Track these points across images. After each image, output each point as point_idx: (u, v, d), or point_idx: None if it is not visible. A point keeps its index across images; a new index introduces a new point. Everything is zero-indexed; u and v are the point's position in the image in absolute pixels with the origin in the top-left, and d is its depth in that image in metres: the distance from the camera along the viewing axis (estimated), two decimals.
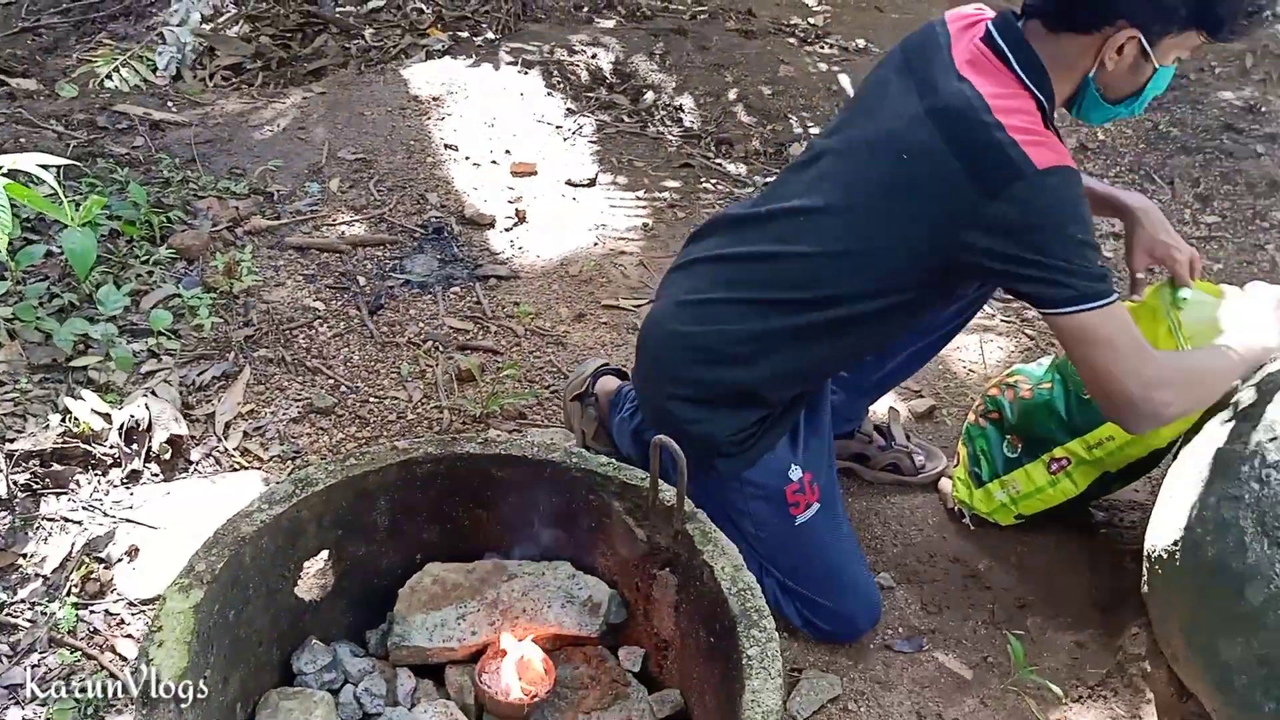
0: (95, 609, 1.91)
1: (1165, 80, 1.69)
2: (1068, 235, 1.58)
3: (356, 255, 2.97)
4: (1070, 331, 1.62)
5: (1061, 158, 1.58)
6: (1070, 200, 1.58)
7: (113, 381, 2.33)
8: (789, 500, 1.86)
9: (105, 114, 3.50)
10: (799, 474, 1.87)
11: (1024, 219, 1.57)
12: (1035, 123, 1.60)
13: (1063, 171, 1.57)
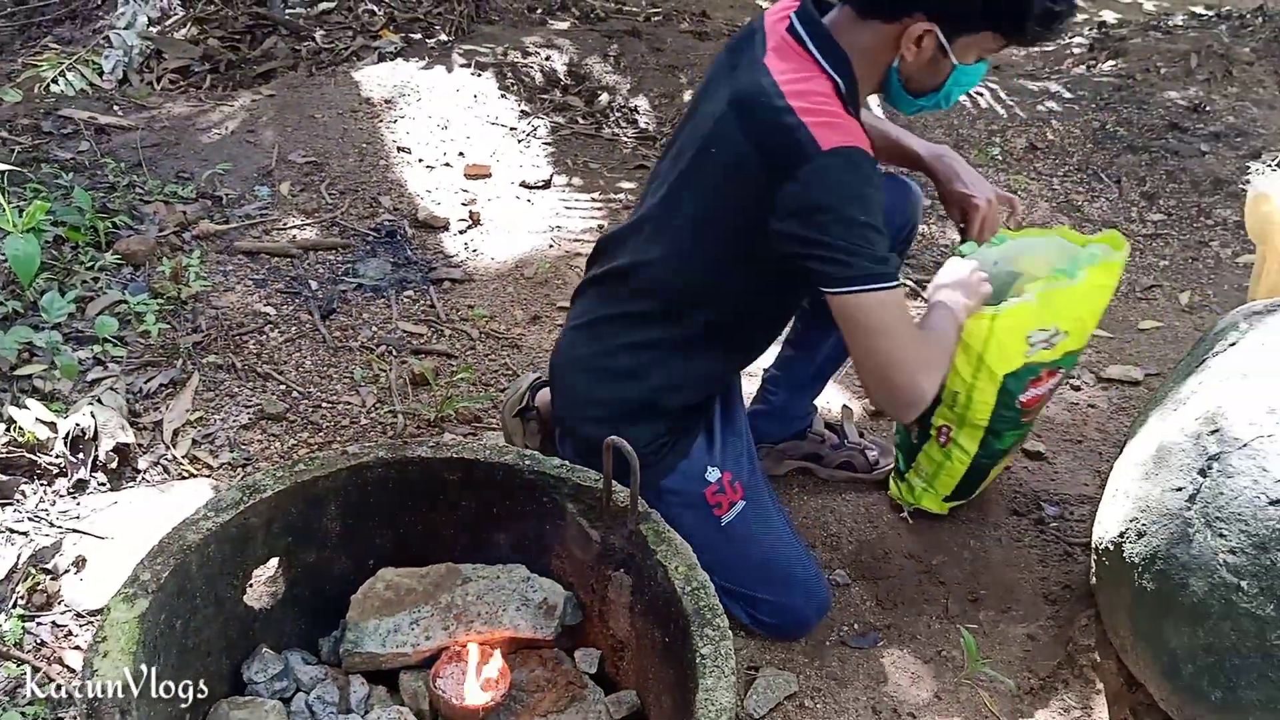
0: (42, 621, 1.87)
1: (972, 77, 1.69)
2: (849, 216, 1.57)
3: (308, 259, 2.95)
4: (844, 312, 1.61)
5: (850, 138, 1.57)
6: (853, 182, 1.58)
7: (58, 390, 2.29)
8: (710, 502, 1.86)
9: (50, 118, 3.44)
10: (717, 474, 1.87)
11: (808, 200, 1.57)
12: (827, 104, 1.60)
13: (848, 152, 1.57)
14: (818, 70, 1.64)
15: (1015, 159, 3.86)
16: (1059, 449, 2.49)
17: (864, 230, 1.57)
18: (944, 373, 1.77)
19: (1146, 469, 1.77)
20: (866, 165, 1.59)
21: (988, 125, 4.01)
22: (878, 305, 1.59)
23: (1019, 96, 4.22)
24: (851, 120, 1.62)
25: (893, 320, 1.61)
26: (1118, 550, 1.76)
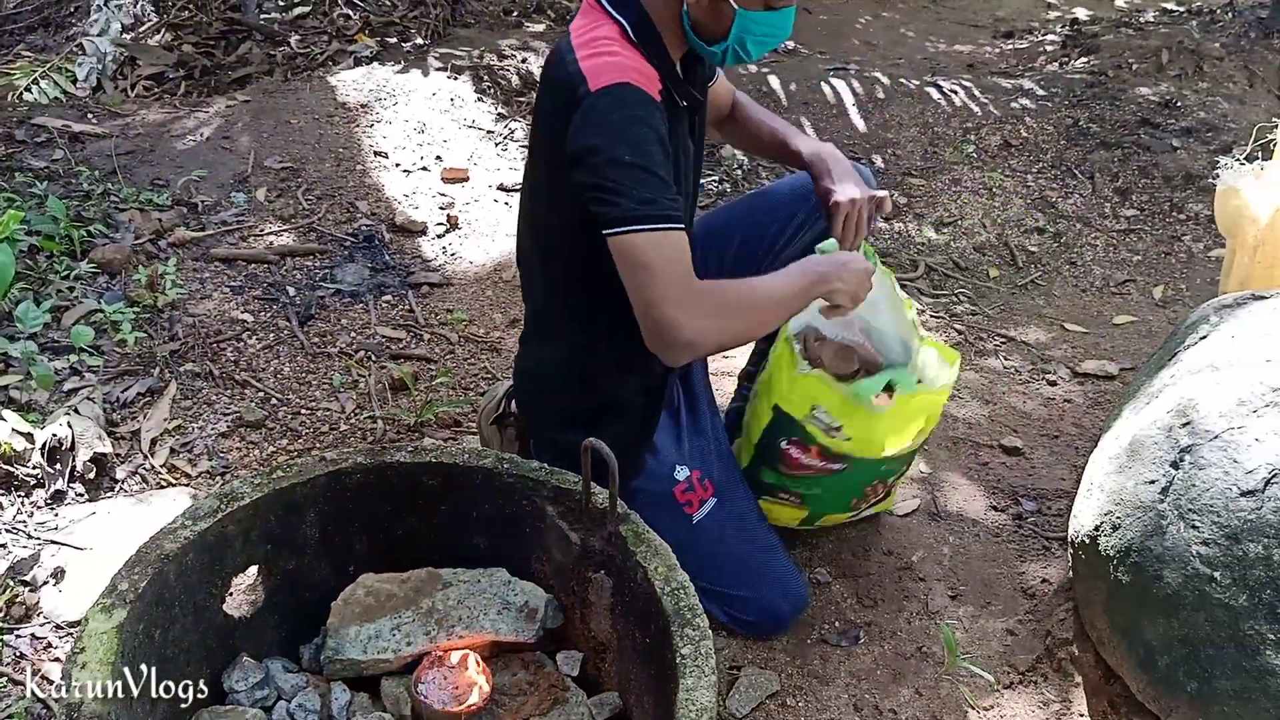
0: (21, 633, 1.86)
1: (766, 27, 1.65)
2: (617, 156, 1.54)
3: (285, 265, 2.94)
4: (616, 253, 1.57)
5: (621, 75, 1.57)
6: (620, 121, 1.56)
7: (34, 400, 2.27)
8: (680, 500, 1.86)
9: (23, 127, 3.42)
10: (685, 473, 1.87)
11: (580, 142, 1.57)
12: (608, 45, 1.62)
13: (615, 90, 1.56)
14: (605, 18, 1.66)
15: (990, 156, 3.89)
16: (1036, 444, 2.52)
17: (632, 170, 1.54)
18: (737, 326, 1.67)
19: (1120, 462, 1.78)
20: (636, 104, 1.58)
21: (962, 123, 4.04)
22: (647, 245, 1.54)
23: (993, 94, 4.25)
24: (630, 58, 1.62)
25: (658, 259, 1.55)
26: (1093, 544, 1.78)
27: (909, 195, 3.67)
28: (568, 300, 1.84)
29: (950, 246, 3.43)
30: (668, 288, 1.55)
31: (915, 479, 2.39)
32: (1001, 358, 2.88)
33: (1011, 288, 3.26)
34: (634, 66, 1.61)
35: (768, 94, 4.19)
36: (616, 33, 1.64)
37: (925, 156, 3.87)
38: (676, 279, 1.57)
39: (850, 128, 4.01)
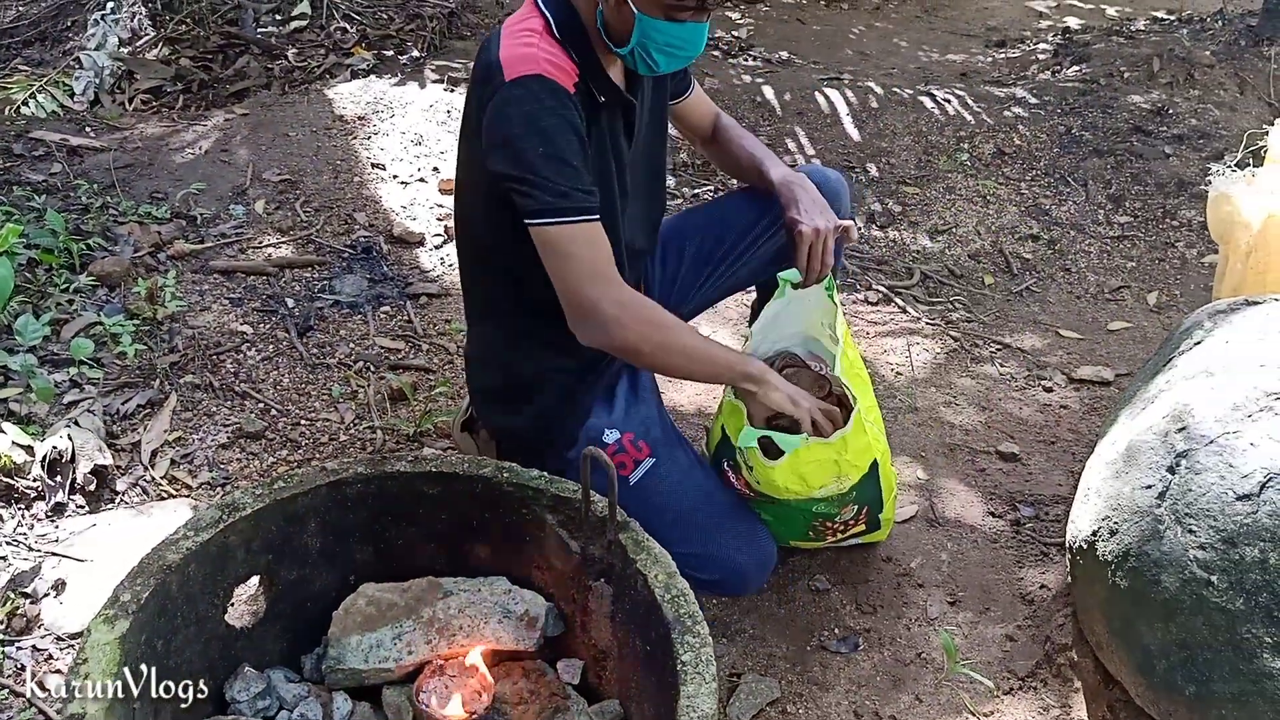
0: (22, 645, 1.86)
1: (669, 37, 1.63)
2: (531, 147, 1.57)
3: (284, 277, 2.95)
4: (538, 241, 1.62)
5: (534, 67, 1.59)
6: (532, 113, 1.58)
7: (34, 413, 2.28)
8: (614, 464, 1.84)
9: (21, 141, 3.43)
10: (615, 435, 1.85)
11: (495, 133, 1.60)
12: (529, 37, 1.64)
13: (528, 82, 1.58)
14: (535, 11, 1.68)
15: (984, 164, 3.91)
16: (1032, 450, 2.53)
17: (547, 161, 1.57)
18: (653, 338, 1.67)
19: (1117, 468, 1.80)
20: (547, 95, 1.59)
21: (956, 131, 4.06)
22: (564, 236, 1.59)
23: (986, 103, 4.27)
24: (547, 51, 1.63)
25: (576, 248, 1.60)
26: (1091, 549, 1.79)
27: (903, 204, 3.69)
28: (490, 281, 1.87)
29: (945, 254, 3.44)
30: (586, 274, 1.61)
31: (912, 485, 2.40)
32: (997, 364, 2.89)
33: (1006, 295, 3.27)
34: (548, 58, 1.62)
35: (762, 104, 4.21)
36: (541, 25, 1.67)
37: (919, 165, 3.89)
38: (596, 264, 1.62)
39: (844, 137, 4.03)
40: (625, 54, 1.68)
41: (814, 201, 1.91)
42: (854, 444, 1.79)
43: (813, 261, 1.88)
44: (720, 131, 2.10)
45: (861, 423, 1.80)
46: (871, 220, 3.59)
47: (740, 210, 2.05)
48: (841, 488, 1.83)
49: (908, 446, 2.53)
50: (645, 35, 1.63)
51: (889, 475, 1.95)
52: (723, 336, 2.88)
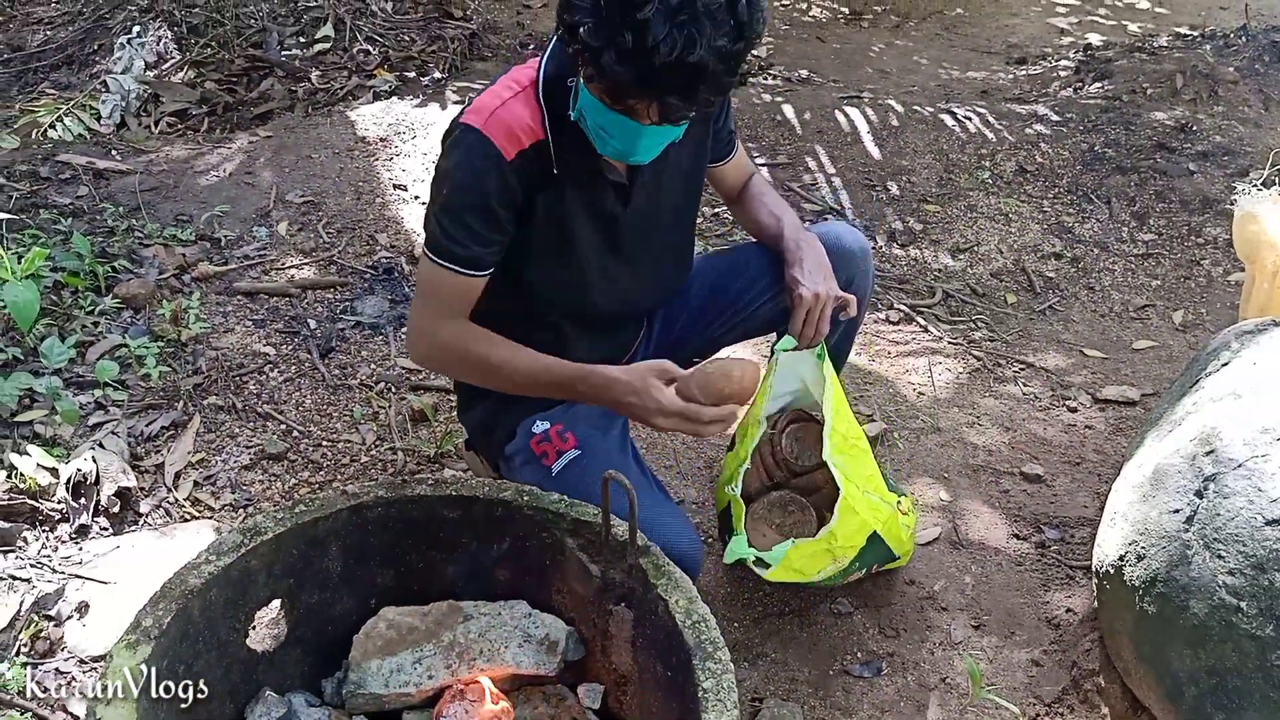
0: (46, 668, 1.87)
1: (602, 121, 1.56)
2: (439, 190, 1.66)
3: (306, 298, 2.96)
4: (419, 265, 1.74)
5: (479, 119, 1.62)
6: (456, 162, 1.64)
7: (59, 435, 2.30)
8: (536, 452, 1.84)
9: (48, 164, 3.47)
10: (544, 426, 1.86)
11: (438, 161, 1.70)
12: (507, 92, 1.65)
13: (466, 130, 1.63)
14: (536, 63, 1.69)
15: (1005, 182, 3.89)
16: (1057, 471, 2.50)
17: (446, 209, 1.64)
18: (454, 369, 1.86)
19: (1144, 491, 1.78)
20: (477, 156, 1.62)
21: (977, 149, 4.04)
22: (428, 272, 1.69)
23: (1007, 120, 4.25)
24: (513, 110, 1.63)
25: (424, 283, 1.71)
26: (1118, 574, 1.77)
27: (924, 222, 3.67)
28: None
29: (967, 273, 3.43)
30: (423, 312, 1.73)
31: (935, 507, 2.38)
32: (1021, 384, 2.87)
33: (1030, 314, 3.25)
34: (507, 118, 1.63)
35: (782, 123, 4.21)
36: (529, 80, 1.67)
37: (940, 183, 3.87)
38: (433, 309, 1.71)
39: (865, 155, 4.02)
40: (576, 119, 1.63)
41: (818, 265, 1.88)
42: (843, 531, 1.84)
43: (807, 327, 1.85)
44: (744, 192, 2.07)
45: (849, 508, 1.83)
46: (892, 239, 3.58)
47: (753, 261, 2.02)
48: (841, 566, 1.88)
49: (930, 468, 2.51)
50: (583, 108, 1.60)
51: (896, 531, 1.95)
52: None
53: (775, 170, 3.93)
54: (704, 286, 2.05)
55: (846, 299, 1.87)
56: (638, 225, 1.81)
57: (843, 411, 1.93)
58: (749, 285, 2.02)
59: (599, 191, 1.74)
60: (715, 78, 1.44)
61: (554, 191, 1.70)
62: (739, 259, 2.07)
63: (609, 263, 1.81)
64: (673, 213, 1.88)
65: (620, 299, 1.88)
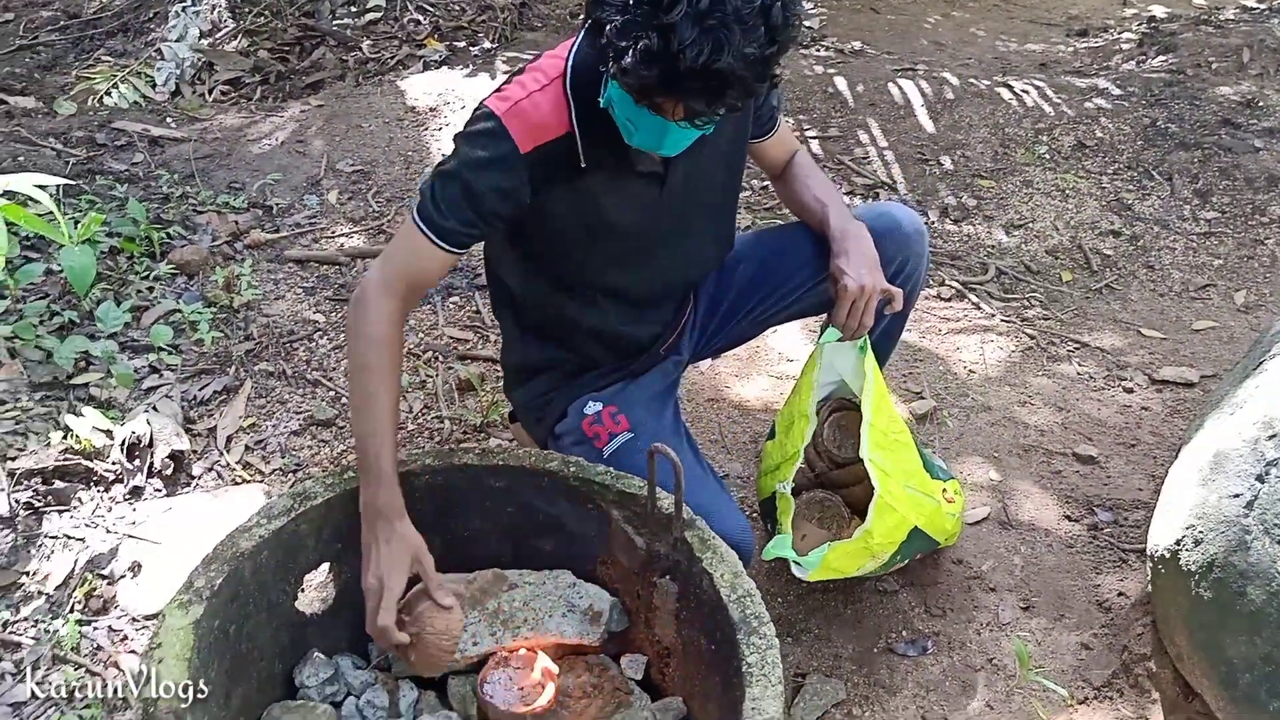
0: (99, 626, 1.91)
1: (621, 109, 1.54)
2: (448, 159, 1.64)
3: (356, 267, 2.98)
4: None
5: (499, 105, 1.61)
6: (466, 135, 1.64)
7: (114, 398, 2.34)
8: (588, 434, 1.83)
9: (104, 131, 3.51)
10: (597, 408, 1.85)
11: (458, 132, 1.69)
12: (534, 82, 1.63)
13: (483, 111, 1.63)
14: (565, 52, 1.66)
15: (1063, 157, 3.80)
16: (1112, 453, 2.45)
17: (442, 176, 1.63)
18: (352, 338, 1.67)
19: (1203, 475, 1.73)
20: (490, 143, 1.61)
21: (1034, 124, 3.95)
22: (403, 231, 1.67)
23: (1066, 94, 4.15)
24: (538, 102, 1.61)
25: (396, 243, 1.69)
26: (1174, 558, 1.73)
27: (978, 197, 3.60)
28: (497, 281, 1.94)
29: (1021, 249, 3.36)
30: (382, 264, 1.66)
31: (985, 486, 2.35)
32: (1075, 363, 2.82)
33: (1085, 292, 3.18)
34: (528, 110, 1.61)
35: (834, 95, 4.15)
36: (557, 72, 1.64)
37: (995, 158, 3.80)
38: (392, 267, 1.65)
39: (918, 129, 3.95)
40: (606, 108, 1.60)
41: (865, 256, 1.83)
42: (880, 529, 1.81)
43: (850, 319, 1.82)
44: (787, 170, 2.03)
45: (886, 506, 1.80)
46: (945, 214, 3.52)
47: (803, 244, 1.98)
48: (880, 561, 1.87)
49: (980, 447, 2.47)
50: (612, 98, 1.57)
51: (940, 522, 1.93)
52: (759, 380, 2.85)
53: (826, 143, 3.87)
54: (751, 265, 2.02)
55: (893, 292, 1.83)
56: (675, 205, 1.78)
57: (883, 406, 1.90)
58: (799, 268, 1.98)
59: (632, 179, 1.71)
60: (742, 83, 1.41)
61: (580, 182, 1.68)
62: (789, 239, 2.03)
63: (646, 244, 1.80)
64: (712, 191, 1.85)
65: (660, 278, 1.87)
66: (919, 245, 1.96)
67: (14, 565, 1.97)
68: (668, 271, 1.87)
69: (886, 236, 1.90)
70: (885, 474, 1.82)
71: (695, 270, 1.96)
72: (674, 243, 1.82)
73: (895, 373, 2.71)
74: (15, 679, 1.81)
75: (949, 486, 1.99)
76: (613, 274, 1.81)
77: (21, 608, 1.91)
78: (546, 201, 1.67)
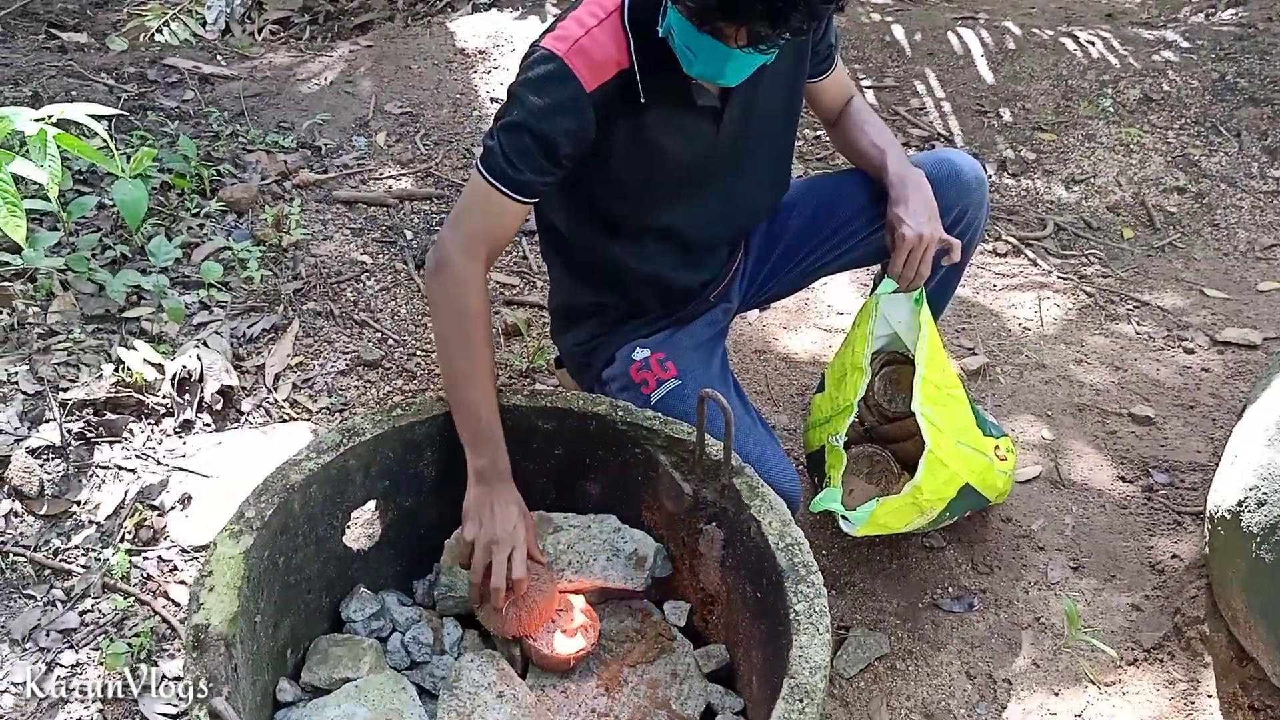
0: (148, 555, 1.94)
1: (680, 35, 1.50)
2: (510, 109, 1.59)
3: (403, 209, 2.97)
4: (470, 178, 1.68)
5: (559, 45, 1.56)
6: (528, 79, 1.58)
7: (165, 332, 2.35)
8: (635, 379, 1.81)
9: (155, 67, 3.51)
10: (644, 354, 1.83)
11: (512, 80, 1.63)
12: (590, 18, 1.58)
13: (544, 54, 1.57)
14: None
15: (1128, 110, 3.69)
16: (1169, 414, 2.39)
17: (506, 125, 1.59)
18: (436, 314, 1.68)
19: (1269, 435, 1.68)
20: (554, 84, 1.56)
21: (1099, 75, 3.83)
22: (475, 186, 1.63)
23: (1133, 46, 4.02)
24: (595, 38, 1.57)
25: (469, 204, 1.64)
26: (1234, 519, 1.69)
27: (1038, 151, 3.51)
28: (548, 226, 1.92)
29: (1081, 205, 3.27)
30: (457, 228, 1.64)
31: (1036, 445, 2.30)
32: (1134, 323, 2.74)
33: (1147, 250, 3.10)
34: (589, 47, 1.57)
35: (890, 44, 4.04)
36: (613, 4, 1.59)
37: (1057, 110, 3.69)
38: (468, 228, 1.63)
39: (977, 79, 3.85)
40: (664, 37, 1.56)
41: (924, 205, 1.78)
42: (930, 484, 1.77)
43: (907, 268, 1.77)
44: (844, 116, 1.97)
45: (937, 461, 1.76)
46: (1003, 168, 3.43)
47: (859, 191, 1.93)
48: (929, 518, 1.83)
49: (1033, 404, 2.42)
50: (671, 26, 1.53)
51: (991, 479, 1.89)
52: (807, 333, 2.80)
53: (881, 93, 3.79)
54: (805, 212, 1.98)
55: (951, 242, 1.78)
56: (731, 147, 1.74)
57: (936, 359, 1.85)
58: (853, 216, 1.93)
59: (690, 114, 1.67)
60: (808, 5, 1.37)
61: (640, 119, 1.64)
62: (845, 185, 1.98)
63: (701, 181, 1.76)
64: (769, 132, 1.81)
65: (713, 221, 1.83)
66: (979, 194, 1.90)
67: (65, 494, 2.00)
68: (721, 214, 1.83)
69: (945, 184, 1.85)
70: (937, 429, 1.78)
71: (749, 214, 1.92)
72: (729, 184, 1.78)
73: (948, 328, 2.66)
74: (65, 606, 1.84)
75: (1001, 444, 1.95)
76: (665, 214, 1.77)
77: (73, 536, 1.94)
78: (607, 140, 1.64)
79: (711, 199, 1.79)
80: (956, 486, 1.82)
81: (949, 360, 1.92)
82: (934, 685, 1.81)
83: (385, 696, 1.46)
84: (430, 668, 1.55)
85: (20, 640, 1.78)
